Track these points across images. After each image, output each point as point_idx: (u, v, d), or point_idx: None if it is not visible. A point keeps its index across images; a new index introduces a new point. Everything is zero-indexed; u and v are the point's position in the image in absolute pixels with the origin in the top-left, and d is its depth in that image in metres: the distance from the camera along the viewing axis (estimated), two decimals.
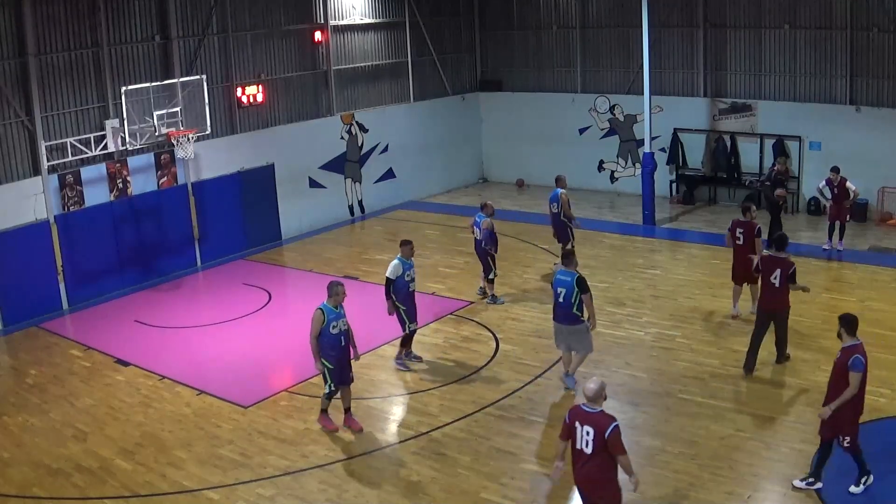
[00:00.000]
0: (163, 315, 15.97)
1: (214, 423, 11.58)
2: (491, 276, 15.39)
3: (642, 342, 13.48)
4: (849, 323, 8.98)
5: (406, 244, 12.57)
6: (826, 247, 17.46)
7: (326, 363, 10.64)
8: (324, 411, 11.08)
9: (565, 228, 16.56)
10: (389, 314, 12.58)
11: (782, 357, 12.24)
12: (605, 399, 7.55)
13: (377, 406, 11.98)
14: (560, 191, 16.58)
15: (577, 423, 7.44)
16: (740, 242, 13.85)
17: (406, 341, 12.91)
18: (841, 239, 17.40)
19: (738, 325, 13.87)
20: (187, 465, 10.48)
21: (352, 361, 10.98)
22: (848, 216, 17.49)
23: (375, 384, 12.69)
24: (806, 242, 18.11)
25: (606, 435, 7.23)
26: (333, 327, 10.51)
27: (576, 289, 11.31)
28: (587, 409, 7.45)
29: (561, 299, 11.48)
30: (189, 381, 12.82)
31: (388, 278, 12.42)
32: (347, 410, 11.13)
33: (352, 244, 20.48)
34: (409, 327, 12.70)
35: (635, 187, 21.48)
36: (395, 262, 12.46)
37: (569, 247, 16.01)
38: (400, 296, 12.54)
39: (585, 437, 7.35)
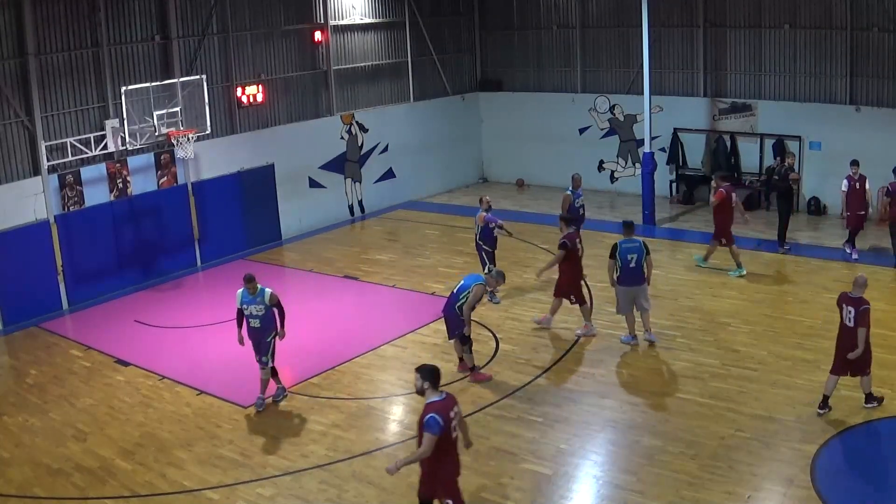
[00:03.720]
0: (163, 315, 15.97)
1: (214, 423, 11.59)
2: (485, 272, 15.35)
3: (642, 342, 13.47)
4: (431, 374, 7.92)
5: (248, 281, 11.73)
6: (851, 253, 16.83)
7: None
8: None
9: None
10: (239, 344, 11.97)
11: None
12: (865, 288, 10.57)
13: (377, 406, 11.99)
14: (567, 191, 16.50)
15: (843, 304, 10.60)
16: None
17: (274, 373, 12.13)
18: (854, 243, 16.86)
19: (738, 325, 13.87)
20: (187, 465, 10.49)
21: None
22: (863, 222, 16.82)
23: (375, 384, 12.69)
24: (806, 242, 18.11)
25: (860, 309, 10.43)
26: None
27: (644, 251, 12.99)
28: (851, 295, 10.54)
29: (633, 264, 13.00)
30: (189, 381, 12.83)
31: (237, 308, 11.86)
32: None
33: (352, 244, 20.48)
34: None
35: (635, 187, 21.48)
36: (239, 291, 11.83)
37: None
38: (246, 329, 11.92)
39: (848, 314, 10.54)
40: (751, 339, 13.24)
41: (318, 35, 21.33)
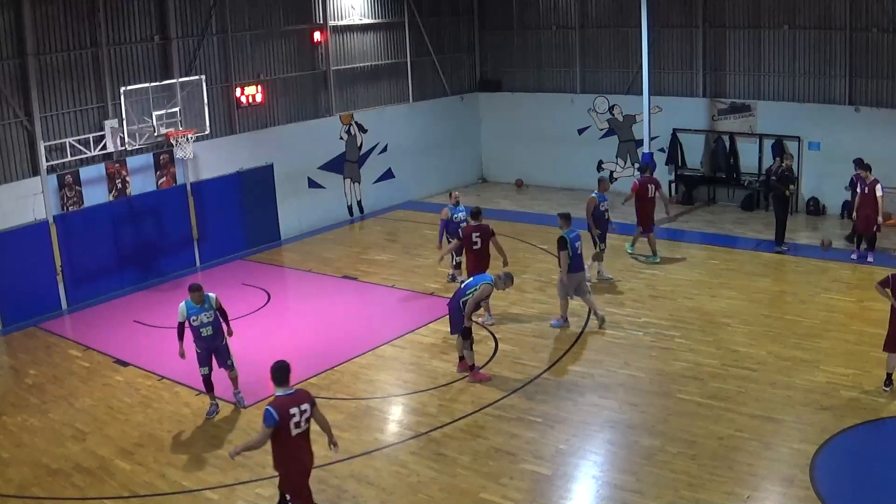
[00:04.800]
0: (162, 315, 15.92)
1: (214, 423, 11.59)
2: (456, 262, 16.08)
3: (641, 342, 13.48)
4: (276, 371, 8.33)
5: (193, 290, 11.59)
6: (854, 256, 16.78)
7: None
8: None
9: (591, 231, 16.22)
10: (181, 357, 11.79)
11: None
12: None
13: (376, 406, 11.98)
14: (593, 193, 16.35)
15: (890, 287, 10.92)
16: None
17: (210, 388, 12.00)
18: (872, 248, 16.58)
19: (738, 325, 13.87)
20: (187, 466, 10.49)
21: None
22: (876, 227, 16.45)
23: (375, 384, 12.69)
24: (805, 243, 18.11)
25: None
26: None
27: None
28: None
29: (579, 251, 13.88)
30: (188, 382, 12.80)
31: (178, 322, 11.69)
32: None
33: (351, 244, 20.48)
34: (201, 371, 11.81)
35: None
36: (182, 305, 11.69)
37: (597, 250, 16.08)
38: (193, 339, 11.72)
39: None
40: (750, 340, 13.25)
41: (317, 35, 21.32)
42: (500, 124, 25.58)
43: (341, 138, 22.23)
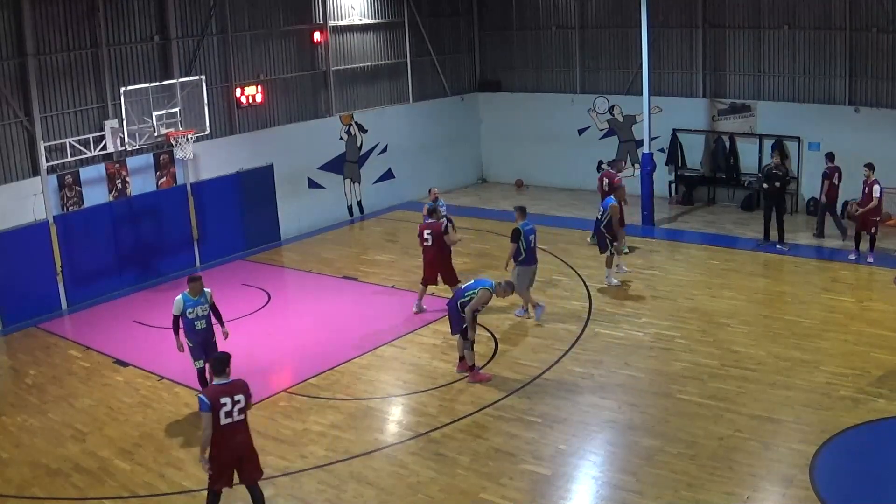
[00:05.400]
0: (162, 315, 15.83)
1: None
2: None
3: (641, 342, 13.48)
4: (213, 362, 8.98)
5: (193, 281, 11.80)
6: (852, 256, 16.74)
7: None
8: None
9: (604, 237, 16.08)
10: (179, 350, 11.92)
11: None
12: None
13: (376, 406, 11.98)
14: (612, 201, 16.19)
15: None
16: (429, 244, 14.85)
17: (202, 380, 12.07)
18: (872, 248, 16.50)
19: (738, 325, 13.88)
20: (186, 466, 10.48)
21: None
22: (874, 228, 16.40)
23: (374, 384, 12.69)
24: (804, 243, 18.11)
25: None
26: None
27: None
28: None
29: (533, 244, 14.32)
30: (188, 382, 12.79)
31: (174, 315, 11.81)
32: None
33: (351, 244, 20.48)
34: (196, 364, 11.98)
35: (634, 188, 21.47)
36: (178, 298, 11.79)
37: (608, 253, 16.08)
38: (186, 333, 11.82)
39: None
40: (750, 340, 13.25)
41: (317, 35, 21.33)
42: (500, 124, 25.58)
43: (341, 138, 22.23)
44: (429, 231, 14.83)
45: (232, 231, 19.61)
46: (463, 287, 12.57)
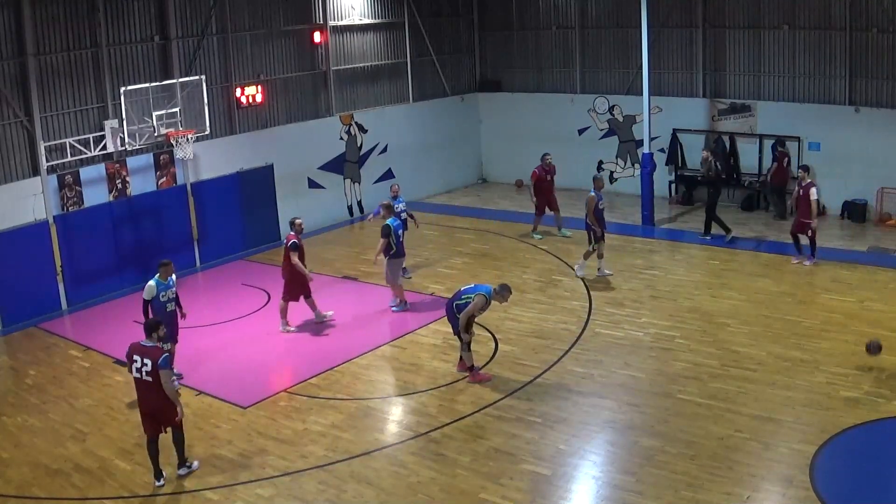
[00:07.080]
0: None
1: (213, 424, 11.59)
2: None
3: (641, 343, 13.48)
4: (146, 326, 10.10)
5: (164, 265, 12.36)
6: (795, 261, 16.69)
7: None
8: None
9: (589, 230, 16.45)
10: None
11: None
12: None
13: (376, 406, 11.99)
14: (591, 193, 16.48)
15: None
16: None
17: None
18: (813, 253, 16.42)
19: (738, 325, 13.87)
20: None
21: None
22: (810, 231, 16.26)
23: (374, 384, 12.69)
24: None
25: None
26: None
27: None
28: None
29: (402, 238, 15.43)
30: (188, 382, 12.81)
31: (144, 299, 12.29)
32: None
33: (351, 244, 20.48)
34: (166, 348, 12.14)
35: (634, 188, 21.50)
36: (150, 283, 12.26)
37: (589, 249, 16.43)
38: (156, 315, 12.04)
39: None
40: (750, 340, 13.25)
41: (317, 35, 21.32)
42: (499, 124, 25.58)
43: (341, 138, 22.23)
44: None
45: (232, 231, 19.61)
46: (462, 290, 12.54)
